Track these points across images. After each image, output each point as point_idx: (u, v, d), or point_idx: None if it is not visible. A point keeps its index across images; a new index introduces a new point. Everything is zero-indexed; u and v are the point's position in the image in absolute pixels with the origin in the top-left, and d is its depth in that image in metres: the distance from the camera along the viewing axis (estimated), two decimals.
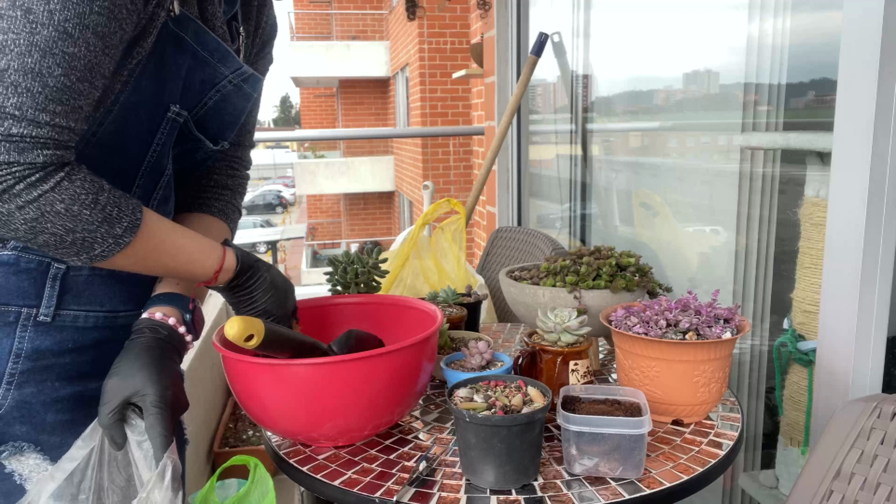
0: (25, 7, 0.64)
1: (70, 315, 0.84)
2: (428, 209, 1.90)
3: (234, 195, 1.05)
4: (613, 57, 2.32)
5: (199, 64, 0.85)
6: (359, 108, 14.26)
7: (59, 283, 0.82)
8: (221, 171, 1.04)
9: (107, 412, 0.77)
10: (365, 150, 13.63)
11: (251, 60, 1.01)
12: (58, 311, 0.83)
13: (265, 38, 1.02)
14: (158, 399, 0.77)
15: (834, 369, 1.12)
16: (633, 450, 0.89)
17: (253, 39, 1.00)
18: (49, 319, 0.82)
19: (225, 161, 1.04)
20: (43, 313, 0.82)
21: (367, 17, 14.01)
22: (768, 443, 1.63)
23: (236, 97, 0.91)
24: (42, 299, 0.82)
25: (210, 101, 0.89)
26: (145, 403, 0.77)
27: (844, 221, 1.07)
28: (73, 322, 0.84)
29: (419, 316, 1.13)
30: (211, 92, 0.88)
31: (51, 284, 0.82)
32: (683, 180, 2.01)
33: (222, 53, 0.86)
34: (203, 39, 0.83)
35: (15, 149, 0.66)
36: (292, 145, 21.05)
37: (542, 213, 2.91)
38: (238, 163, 1.07)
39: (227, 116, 0.93)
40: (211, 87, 0.88)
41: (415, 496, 0.88)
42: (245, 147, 1.07)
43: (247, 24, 0.98)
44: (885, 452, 0.88)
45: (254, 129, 1.09)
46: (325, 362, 0.91)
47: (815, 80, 1.51)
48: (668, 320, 1.05)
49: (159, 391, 0.78)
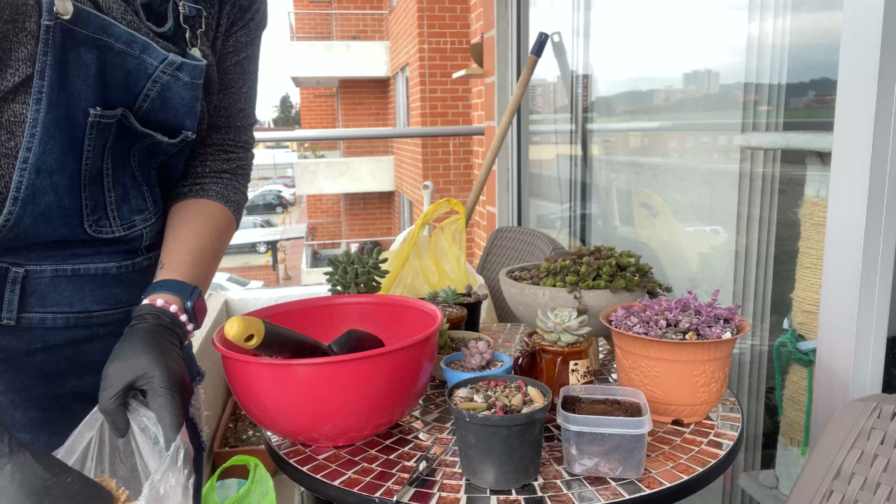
0: None
1: (36, 317, 0.83)
2: (428, 209, 1.90)
3: (233, 177, 1.00)
4: (613, 57, 2.32)
5: (118, 56, 0.79)
6: (359, 108, 14.26)
7: (19, 286, 0.82)
8: (215, 156, 0.99)
9: (109, 396, 0.73)
10: (365, 150, 13.63)
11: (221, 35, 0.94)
12: (21, 314, 0.82)
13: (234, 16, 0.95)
14: (167, 380, 0.73)
15: (834, 369, 1.12)
16: (633, 450, 0.89)
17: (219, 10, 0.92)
18: (13, 322, 0.82)
19: (217, 146, 0.99)
20: (6, 317, 0.81)
21: (367, 17, 14.01)
22: (768, 443, 1.63)
23: (177, 86, 0.85)
24: (2, 303, 0.81)
25: (152, 93, 0.84)
26: (153, 385, 0.73)
27: (844, 221, 1.07)
28: (41, 323, 0.84)
29: (419, 316, 1.13)
30: (147, 83, 0.83)
31: (10, 288, 0.81)
32: (683, 180, 2.01)
33: (141, 44, 0.80)
34: (112, 31, 0.77)
35: None
36: (292, 145, 21.05)
37: (542, 213, 2.92)
38: (232, 145, 1.01)
39: (177, 106, 0.87)
40: (146, 79, 0.82)
41: (415, 496, 0.88)
42: (237, 128, 1.01)
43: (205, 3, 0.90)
44: (885, 452, 0.88)
45: (249, 107, 1.02)
46: (325, 362, 0.91)
47: (815, 80, 1.51)
48: (668, 320, 1.05)
49: (166, 372, 0.74)
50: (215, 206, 0.96)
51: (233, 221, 0.99)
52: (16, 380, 0.82)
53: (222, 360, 0.96)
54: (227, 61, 0.95)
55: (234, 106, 0.99)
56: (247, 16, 0.96)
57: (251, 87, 1.00)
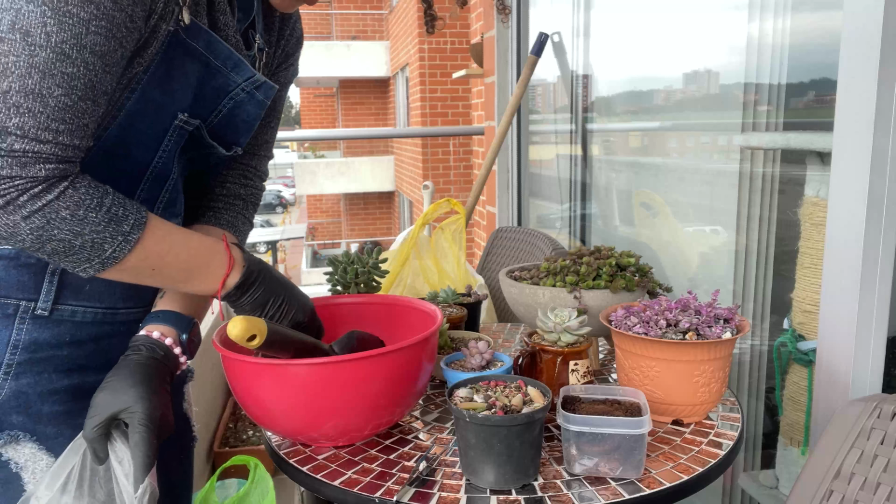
0: (24, 30, 0.65)
1: (68, 310, 0.85)
2: (428, 209, 1.90)
3: (246, 206, 1.06)
4: (613, 57, 2.32)
5: (212, 73, 0.85)
6: (359, 108, 14.26)
7: (57, 278, 0.83)
8: (235, 179, 1.05)
9: (92, 426, 0.77)
10: (365, 150, 13.63)
11: (272, 71, 1.02)
12: (56, 306, 0.84)
13: (289, 49, 1.04)
14: (146, 418, 0.77)
15: (834, 369, 1.12)
16: (633, 450, 0.89)
17: (275, 51, 1.01)
18: (47, 313, 0.83)
19: (238, 170, 1.05)
20: (41, 307, 0.83)
21: (367, 17, 14.01)
22: (768, 443, 1.63)
23: (249, 104, 0.92)
24: (41, 293, 0.83)
25: (224, 109, 0.90)
26: (133, 421, 0.77)
27: (844, 221, 1.07)
28: (72, 317, 0.86)
29: (419, 316, 1.13)
30: (224, 100, 0.89)
31: (49, 279, 0.83)
32: (683, 180, 2.01)
33: (234, 62, 0.87)
34: (215, 48, 0.84)
35: (17, 163, 0.67)
36: (292, 145, 21.04)
37: (542, 213, 2.91)
38: (252, 172, 1.07)
39: (240, 123, 0.94)
40: (224, 96, 0.89)
41: (415, 496, 0.88)
42: (260, 157, 1.08)
43: (269, 35, 0.98)
44: (885, 452, 0.88)
45: (272, 140, 1.09)
46: (325, 362, 0.91)
47: (815, 80, 1.51)
48: (668, 320, 1.05)
49: (148, 410, 0.77)
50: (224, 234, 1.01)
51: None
52: (43, 373, 0.84)
53: (222, 360, 0.96)
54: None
55: (262, 137, 1.06)
56: (290, 60, 1.05)
57: (276, 123, 1.07)
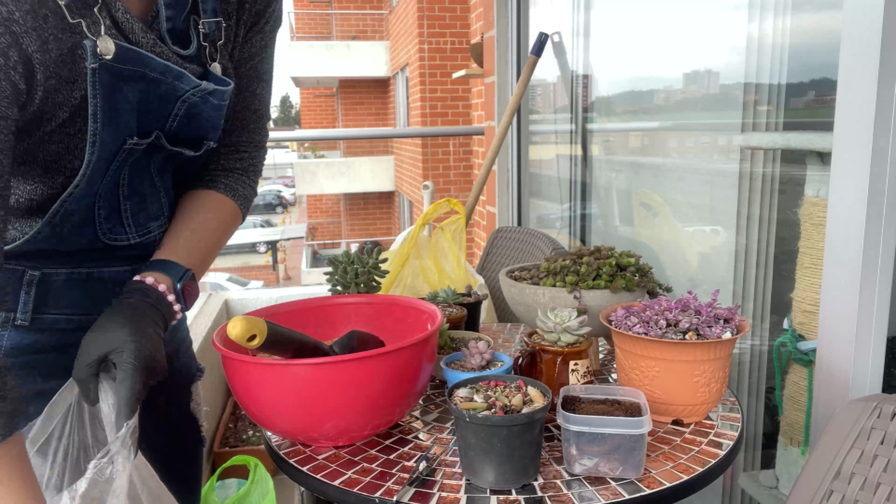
0: None
1: (50, 318, 0.85)
2: (428, 209, 1.90)
3: (244, 174, 1.02)
4: (613, 57, 2.32)
5: (152, 84, 0.80)
6: (359, 108, 14.26)
7: (34, 288, 0.83)
8: (228, 156, 1.01)
9: (82, 365, 0.75)
10: (365, 150, 13.63)
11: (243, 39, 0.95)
12: (36, 315, 0.84)
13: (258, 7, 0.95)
14: (134, 357, 0.74)
15: (834, 369, 1.12)
16: (633, 450, 0.89)
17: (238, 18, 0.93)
18: (27, 323, 0.83)
19: (231, 146, 1.01)
20: (20, 318, 0.83)
21: (367, 17, 14.01)
22: (768, 443, 1.63)
23: (205, 106, 0.87)
24: (18, 304, 0.83)
25: (180, 112, 0.85)
26: (120, 360, 0.74)
27: (844, 221, 1.07)
28: (54, 325, 0.85)
29: (419, 316, 1.13)
30: (177, 104, 0.84)
31: (26, 290, 0.83)
32: (683, 180, 2.01)
33: (175, 73, 0.81)
34: (149, 63, 0.79)
35: None
36: (292, 145, 21.03)
37: (542, 213, 2.91)
38: (245, 145, 1.02)
39: (203, 122, 0.89)
40: (174, 101, 0.84)
41: (415, 496, 0.88)
42: (250, 129, 1.02)
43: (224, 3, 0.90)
44: (885, 452, 0.88)
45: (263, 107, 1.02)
46: (325, 362, 0.91)
47: (815, 80, 1.51)
48: (668, 320, 1.05)
49: (137, 350, 0.75)
50: (222, 197, 0.98)
51: (238, 213, 1.00)
52: (28, 376, 0.84)
53: (222, 359, 0.96)
54: (243, 66, 0.96)
55: (249, 108, 1.00)
56: (262, 20, 0.96)
57: (265, 87, 1.01)
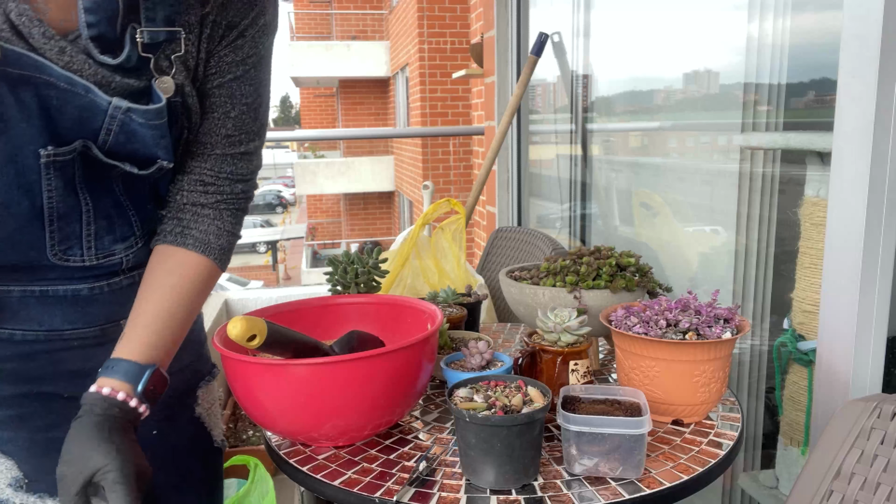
0: None
1: (6, 332, 0.84)
2: (428, 209, 1.90)
3: (218, 215, 0.90)
4: (613, 57, 2.32)
5: (64, 94, 0.75)
6: (359, 108, 14.26)
7: None
8: (192, 187, 0.89)
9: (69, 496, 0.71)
10: (365, 150, 13.63)
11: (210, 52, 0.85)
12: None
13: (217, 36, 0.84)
14: (122, 474, 0.71)
15: (834, 369, 1.12)
16: (633, 450, 0.89)
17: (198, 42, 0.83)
18: None
19: (194, 175, 0.89)
20: None
21: (367, 17, 14.01)
22: (768, 443, 1.63)
23: (132, 125, 0.79)
24: None
25: (113, 127, 0.79)
26: (107, 481, 0.71)
27: (844, 221, 1.07)
28: (10, 338, 0.84)
29: (419, 316, 1.13)
30: (105, 119, 0.78)
31: None
32: (683, 180, 2.01)
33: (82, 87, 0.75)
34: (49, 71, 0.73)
35: None
36: (292, 145, 21.04)
37: (542, 213, 2.91)
38: (211, 176, 0.89)
39: (146, 140, 0.81)
40: (102, 114, 0.77)
41: (415, 496, 0.88)
42: (216, 157, 0.89)
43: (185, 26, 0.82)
44: (885, 452, 0.88)
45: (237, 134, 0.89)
46: (325, 362, 0.91)
47: (815, 80, 1.51)
48: (668, 320, 1.05)
49: (121, 465, 0.71)
50: (193, 257, 0.88)
51: (214, 270, 0.90)
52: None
53: (222, 359, 0.96)
54: (209, 83, 0.86)
55: (216, 132, 0.88)
56: (232, 34, 0.85)
57: (244, 110, 0.89)
